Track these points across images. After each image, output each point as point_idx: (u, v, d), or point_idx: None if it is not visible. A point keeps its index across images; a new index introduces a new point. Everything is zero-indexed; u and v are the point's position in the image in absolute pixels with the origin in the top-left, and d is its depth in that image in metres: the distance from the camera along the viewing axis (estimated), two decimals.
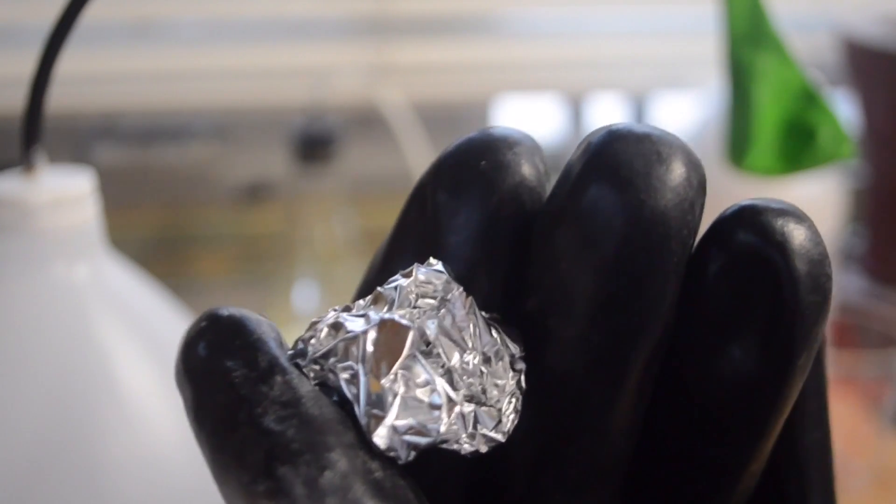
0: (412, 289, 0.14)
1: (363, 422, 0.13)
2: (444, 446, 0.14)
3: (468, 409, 0.14)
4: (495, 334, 0.15)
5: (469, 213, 0.15)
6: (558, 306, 0.14)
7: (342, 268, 0.61)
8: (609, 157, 0.14)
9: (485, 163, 0.15)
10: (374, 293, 0.15)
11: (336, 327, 0.14)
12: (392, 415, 0.13)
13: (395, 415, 0.13)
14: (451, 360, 0.14)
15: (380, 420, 0.13)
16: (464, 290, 0.15)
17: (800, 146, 0.41)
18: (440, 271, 0.15)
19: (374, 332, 0.14)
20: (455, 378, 0.14)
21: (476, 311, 0.15)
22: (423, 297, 0.14)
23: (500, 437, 0.14)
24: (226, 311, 0.14)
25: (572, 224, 0.14)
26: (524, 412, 0.15)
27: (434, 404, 0.13)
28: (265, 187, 0.73)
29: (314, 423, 0.13)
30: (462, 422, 0.14)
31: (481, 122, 0.78)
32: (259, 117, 0.73)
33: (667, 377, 0.15)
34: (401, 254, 0.16)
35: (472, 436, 0.14)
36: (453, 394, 0.14)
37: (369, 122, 0.69)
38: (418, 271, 0.15)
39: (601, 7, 0.78)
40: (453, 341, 0.14)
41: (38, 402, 0.28)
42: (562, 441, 0.15)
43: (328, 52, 0.72)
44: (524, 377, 0.15)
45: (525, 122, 0.82)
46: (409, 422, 0.13)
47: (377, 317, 0.14)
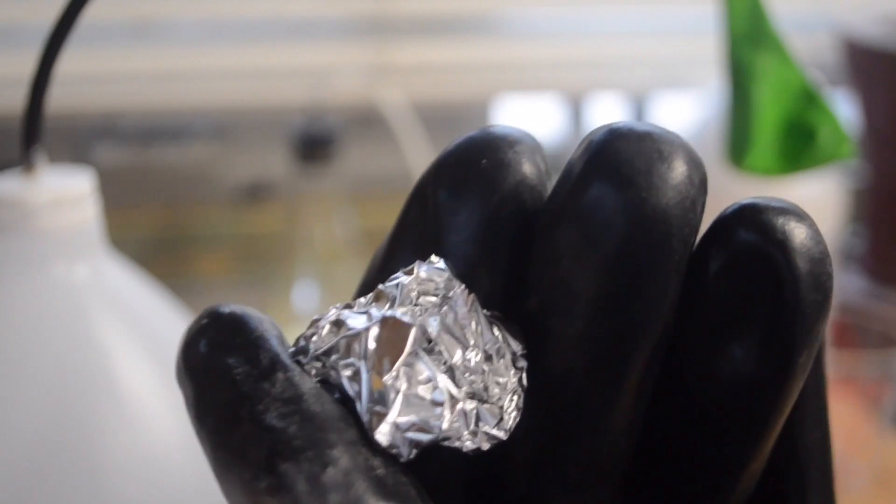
0: (414, 286, 0.14)
1: (365, 419, 0.13)
2: (445, 443, 0.14)
3: (470, 406, 0.14)
4: (497, 332, 0.15)
5: (470, 212, 0.15)
6: (559, 305, 0.14)
7: (342, 268, 0.61)
8: (610, 156, 0.14)
9: (485, 161, 0.15)
10: (375, 291, 0.15)
11: (338, 324, 0.14)
12: (394, 412, 0.13)
13: (398, 412, 0.13)
14: (453, 357, 0.14)
15: (382, 417, 0.13)
16: (465, 288, 0.15)
17: (800, 146, 0.41)
18: (442, 269, 0.15)
19: (376, 329, 0.14)
20: (457, 375, 0.14)
21: (478, 309, 0.15)
22: (425, 294, 0.14)
23: (501, 435, 0.14)
24: (227, 309, 0.14)
25: (573, 222, 0.14)
26: (525, 411, 0.15)
27: (436, 401, 0.13)
28: (265, 187, 0.73)
29: (316, 420, 0.13)
30: (464, 419, 0.14)
31: (481, 122, 0.78)
32: (259, 117, 0.73)
33: (667, 377, 0.15)
34: (401, 252, 0.16)
35: (475, 433, 0.14)
36: (455, 391, 0.14)
37: (369, 122, 0.69)
38: (420, 269, 0.15)
39: (601, 7, 0.78)
40: (455, 338, 0.14)
41: (38, 402, 0.28)
42: (562, 440, 0.15)
43: (328, 52, 0.72)
44: (526, 375, 0.15)
45: (525, 122, 0.82)
46: (412, 419, 0.13)
47: (379, 314, 0.14)
